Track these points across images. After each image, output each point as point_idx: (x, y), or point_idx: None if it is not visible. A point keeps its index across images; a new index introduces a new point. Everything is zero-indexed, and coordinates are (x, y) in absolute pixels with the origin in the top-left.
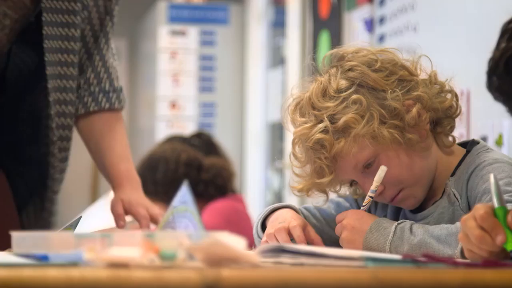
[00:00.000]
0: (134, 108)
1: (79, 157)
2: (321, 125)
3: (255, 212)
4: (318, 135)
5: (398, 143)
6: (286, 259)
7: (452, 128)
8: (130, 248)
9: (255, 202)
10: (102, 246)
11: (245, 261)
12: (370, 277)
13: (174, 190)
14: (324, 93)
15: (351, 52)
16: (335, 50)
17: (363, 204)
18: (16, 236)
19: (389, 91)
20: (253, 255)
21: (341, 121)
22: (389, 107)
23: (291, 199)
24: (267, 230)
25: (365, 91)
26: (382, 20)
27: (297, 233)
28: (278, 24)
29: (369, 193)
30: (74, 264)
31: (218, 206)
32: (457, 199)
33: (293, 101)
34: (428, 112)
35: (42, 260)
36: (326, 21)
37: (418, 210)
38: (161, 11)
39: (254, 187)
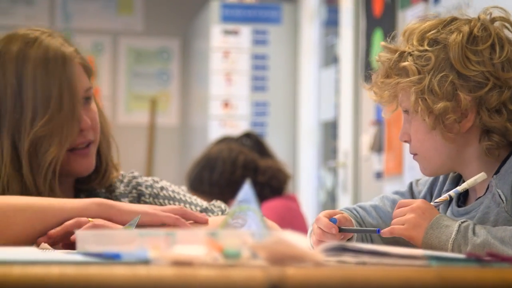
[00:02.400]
0: (187, 107)
1: (130, 155)
2: (398, 54)
3: (308, 211)
4: (392, 56)
5: (428, 116)
6: (348, 258)
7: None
8: (194, 246)
9: (308, 202)
10: (166, 244)
11: (309, 260)
12: (434, 277)
13: (229, 192)
14: (423, 36)
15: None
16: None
17: (438, 200)
18: (81, 234)
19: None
20: (317, 254)
21: (404, 63)
22: (448, 89)
23: (344, 199)
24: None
25: (447, 64)
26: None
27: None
28: (331, 23)
29: (451, 192)
30: (140, 262)
31: (272, 205)
32: (502, 200)
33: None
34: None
35: (113, 258)
36: (380, 20)
37: (462, 205)
38: (214, 11)
39: (307, 187)
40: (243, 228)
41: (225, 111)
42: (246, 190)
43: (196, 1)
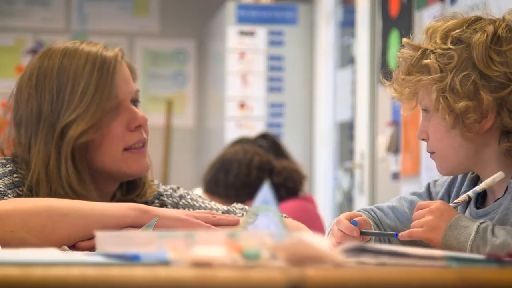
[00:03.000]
0: (203, 108)
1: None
2: (421, 51)
3: (324, 213)
4: (414, 54)
5: (448, 114)
6: (367, 259)
7: None
8: (214, 247)
9: (324, 203)
10: (185, 245)
11: (329, 261)
12: (455, 278)
13: (245, 194)
14: (447, 34)
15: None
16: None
17: (456, 200)
18: (100, 235)
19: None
20: (337, 255)
21: (426, 61)
22: (470, 88)
23: (361, 200)
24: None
25: (469, 63)
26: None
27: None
28: (347, 23)
29: (470, 192)
30: (159, 263)
31: (287, 206)
32: None
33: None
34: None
35: (133, 259)
36: (396, 20)
37: (480, 206)
38: (230, 12)
39: (323, 188)
40: (262, 229)
41: (241, 112)
42: (265, 191)
43: (212, 3)
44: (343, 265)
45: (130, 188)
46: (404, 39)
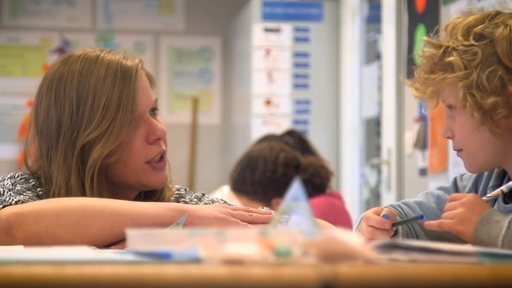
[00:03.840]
0: (229, 106)
1: (172, 155)
2: (443, 49)
3: (351, 209)
4: (436, 52)
5: (476, 111)
6: (398, 255)
7: None
8: (246, 245)
9: (351, 199)
10: (216, 243)
11: (361, 257)
12: (488, 274)
13: (272, 190)
14: (468, 30)
15: None
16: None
17: (490, 194)
18: (131, 233)
19: None
20: (370, 251)
21: (449, 58)
22: (497, 84)
23: (388, 196)
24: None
25: (494, 58)
26: None
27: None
28: (372, 19)
29: (503, 187)
30: (191, 261)
31: (314, 203)
32: None
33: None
34: None
35: (164, 257)
36: (422, 15)
37: (509, 201)
38: (255, 9)
39: (350, 184)
40: (294, 226)
41: (267, 109)
42: (296, 188)
43: (237, 0)
44: (375, 262)
45: (148, 195)
46: (424, 38)
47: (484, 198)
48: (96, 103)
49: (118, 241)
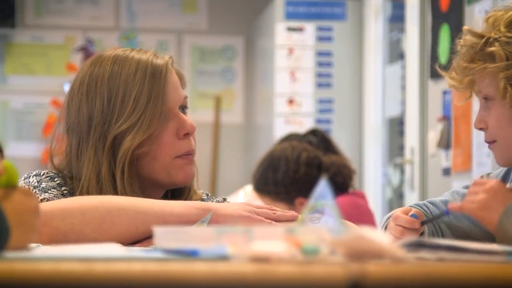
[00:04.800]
0: (251, 105)
1: (197, 152)
2: (484, 39)
3: (374, 209)
4: (478, 41)
5: None
6: (425, 254)
7: None
8: (273, 242)
9: (374, 199)
10: (243, 240)
11: (389, 256)
12: None
13: (295, 190)
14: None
15: None
16: None
17: None
18: (159, 231)
19: None
20: (398, 249)
21: (491, 48)
22: None
23: (411, 196)
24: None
25: None
26: None
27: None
28: (395, 18)
29: None
30: (219, 258)
31: (337, 202)
32: None
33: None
34: None
35: (191, 255)
36: (446, 15)
37: None
38: (278, 8)
39: (373, 184)
40: (321, 224)
41: (290, 108)
42: (322, 186)
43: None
44: (403, 260)
45: (176, 195)
46: (465, 27)
47: (507, 185)
48: (127, 96)
49: (143, 239)
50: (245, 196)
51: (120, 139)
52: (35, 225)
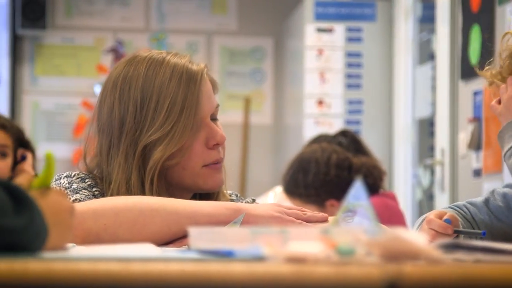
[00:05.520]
0: (281, 106)
1: (227, 153)
2: None
3: (404, 210)
4: None
5: None
6: (462, 255)
7: None
8: (309, 243)
9: (404, 200)
10: (279, 241)
11: (426, 257)
12: None
13: (325, 192)
14: None
15: None
16: None
17: None
18: (194, 231)
19: None
20: (434, 250)
21: None
22: None
23: (442, 197)
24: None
25: None
26: None
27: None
28: (426, 19)
29: None
30: (255, 259)
31: None
32: None
33: None
34: None
35: (227, 255)
36: (477, 15)
37: None
38: (308, 9)
39: (403, 185)
40: (354, 224)
41: (320, 109)
42: (357, 187)
43: (290, 0)
44: (440, 261)
45: (204, 198)
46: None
47: None
48: (160, 104)
49: (175, 239)
50: (275, 197)
51: (151, 148)
52: (71, 225)
